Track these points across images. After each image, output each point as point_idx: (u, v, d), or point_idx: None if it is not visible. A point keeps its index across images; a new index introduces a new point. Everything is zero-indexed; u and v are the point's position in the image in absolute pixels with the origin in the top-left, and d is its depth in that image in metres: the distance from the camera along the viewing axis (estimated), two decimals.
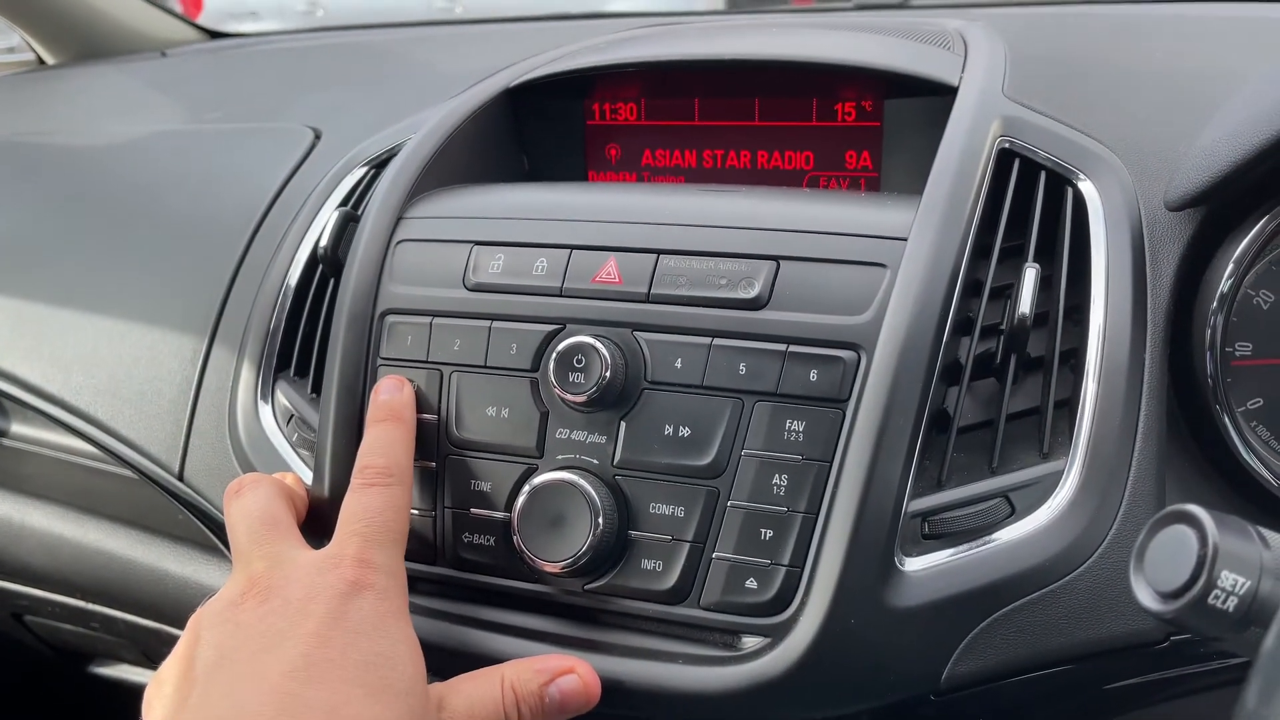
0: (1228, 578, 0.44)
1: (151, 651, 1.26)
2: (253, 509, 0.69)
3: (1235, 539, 0.45)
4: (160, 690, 0.62)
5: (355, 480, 0.69)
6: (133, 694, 1.41)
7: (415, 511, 0.75)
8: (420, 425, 0.76)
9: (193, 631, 0.63)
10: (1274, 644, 0.35)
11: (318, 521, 0.76)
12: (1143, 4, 1.21)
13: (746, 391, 0.69)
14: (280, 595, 0.62)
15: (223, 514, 0.88)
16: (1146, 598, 0.47)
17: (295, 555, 0.65)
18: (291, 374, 0.88)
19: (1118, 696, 0.80)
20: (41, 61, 1.67)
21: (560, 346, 0.71)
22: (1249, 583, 0.44)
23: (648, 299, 0.72)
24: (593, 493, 0.69)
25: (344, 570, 0.63)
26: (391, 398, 0.74)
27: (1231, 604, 0.45)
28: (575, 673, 0.66)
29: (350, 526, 0.66)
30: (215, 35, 1.71)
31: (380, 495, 0.68)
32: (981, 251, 0.74)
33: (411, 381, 0.76)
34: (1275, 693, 0.33)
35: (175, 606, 1.08)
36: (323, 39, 1.58)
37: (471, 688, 0.65)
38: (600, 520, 0.68)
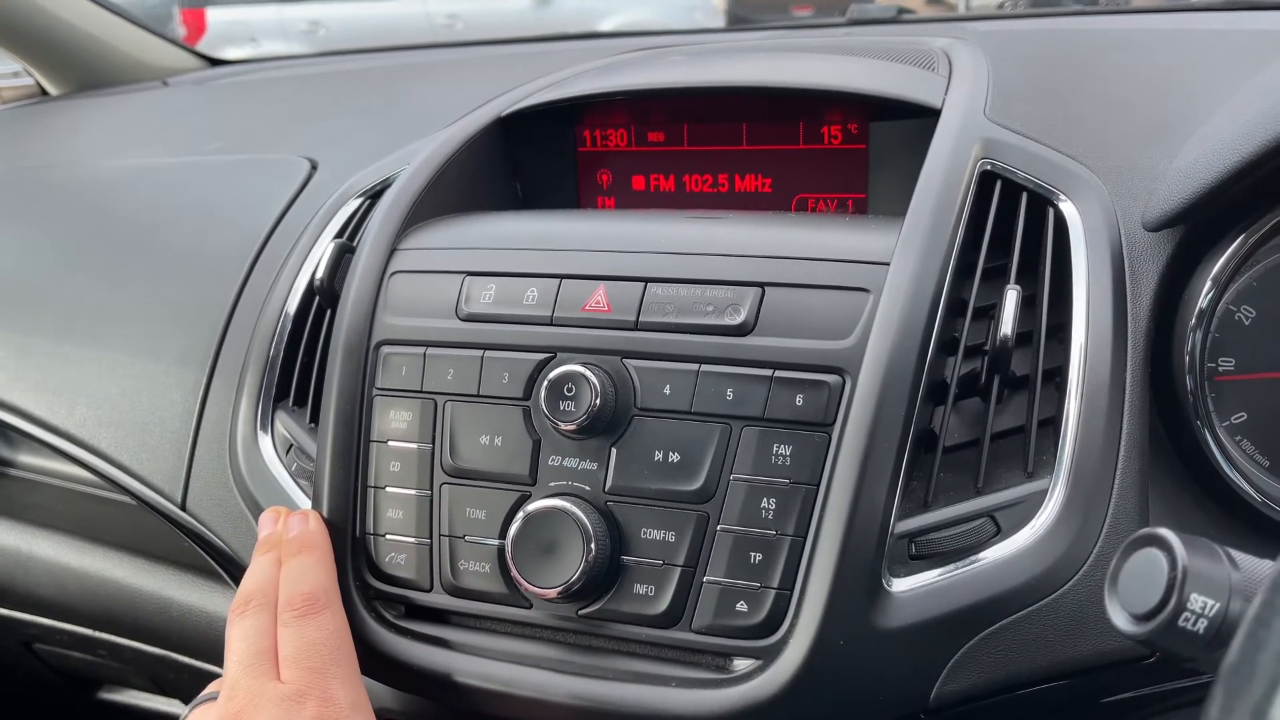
0: (1197, 600, 0.45)
1: (158, 677, 1.27)
2: (251, 635, 0.70)
3: (1204, 561, 0.46)
4: None
5: (285, 614, 0.71)
6: None
7: (411, 539, 0.76)
8: (416, 454, 0.77)
9: None
10: (1235, 661, 0.36)
11: None
12: (1127, 16, 1.22)
13: (734, 417, 0.70)
14: None
15: (224, 543, 0.90)
16: (1120, 620, 0.48)
17: (269, 696, 0.66)
18: (290, 404, 0.90)
19: (1112, 711, 0.80)
20: (44, 91, 1.69)
21: (551, 375, 0.72)
22: (1218, 604, 0.45)
23: (636, 327, 0.73)
24: (585, 519, 0.70)
25: (309, 712, 0.65)
26: (301, 531, 0.77)
27: (1201, 625, 0.45)
28: None
29: (301, 664, 0.68)
30: (215, 63, 1.73)
31: (314, 625, 0.70)
32: (965, 271, 0.75)
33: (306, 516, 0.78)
34: (1233, 712, 0.34)
35: (181, 634, 1.09)
36: (319, 66, 1.60)
37: None
38: (593, 546, 0.69)
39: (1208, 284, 0.72)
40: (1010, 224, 0.76)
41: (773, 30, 1.54)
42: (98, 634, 1.20)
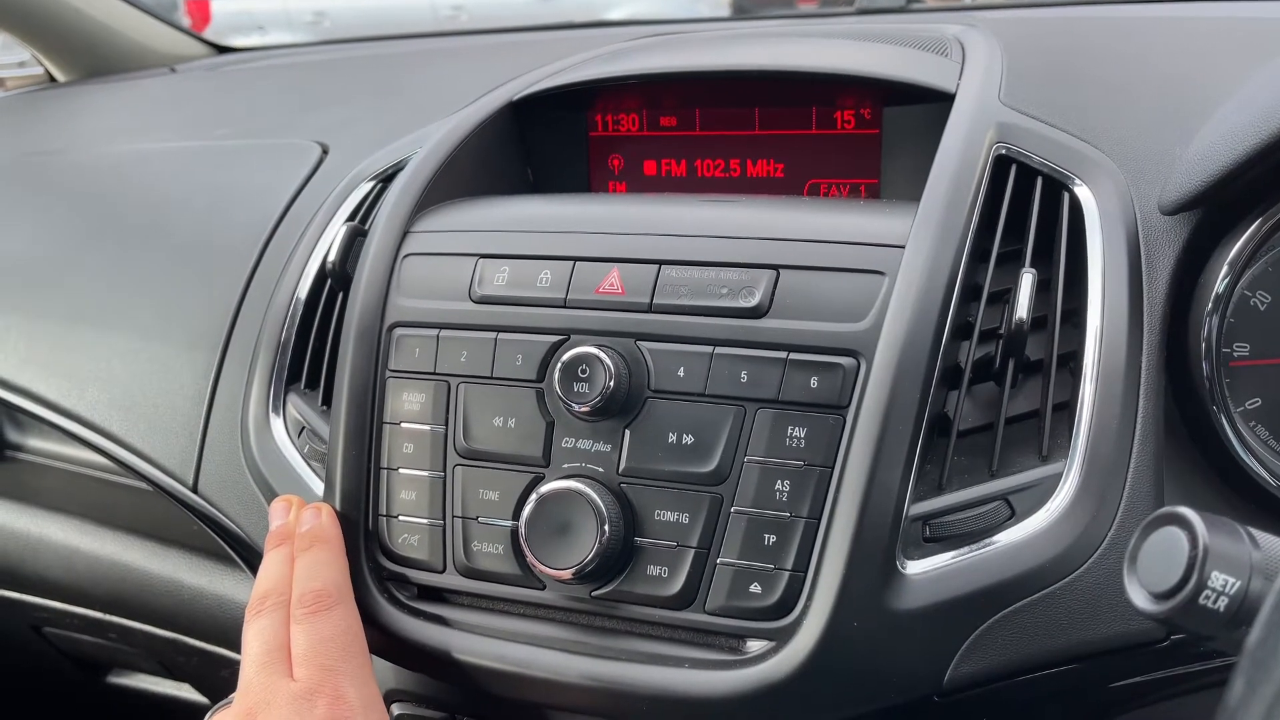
0: (1218, 578, 0.45)
1: (168, 661, 1.27)
2: (266, 634, 0.70)
3: (1225, 540, 0.46)
4: None
5: (297, 610, 0.71)
6: (150, 704, 1.43)
7: (424, 521, 0.77)
8: (429, 436, 0.77)
9: None
10: (1257, 639, 0.36)
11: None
12: (1141, 4, 1.22)
13: (748, 399, 0.70)
14: None
15: (236, 525, 0.90)
16: (1139, 598, 0.48)
17: (281, 694, 0.66)
18: (302, 386, 0.90)
19: (1122, 695, 0.80)
20: (52, 78, 1.69)
21: (565, 357, 0.72)
22: (1239, 583, 0.45)
23: (650, 309, 0.73)
24: (599, 500, 0.70)
25: (320, 711, 0.65)
26: (314, 525, 0.76)
27: (1222, 604, 0.45)
28: None
29: (313, 661, 0.68)
30: (223, 50, 1.73)
31: (326, 621, 0.70)
32: (980, 255, 0.75)
33: (319, 508, 0.78)
34: (1257, 689, 0.34)
35: (191, 617, 1.09)
36: (328, 53, 1.60)
37: None
38: (606, 528, 0.69)
39: (1224, 269, 0.72)
40: (1025, 208, 0.76)
41: (781, 20, 1.53)
42: (108, 617, 1.20)
